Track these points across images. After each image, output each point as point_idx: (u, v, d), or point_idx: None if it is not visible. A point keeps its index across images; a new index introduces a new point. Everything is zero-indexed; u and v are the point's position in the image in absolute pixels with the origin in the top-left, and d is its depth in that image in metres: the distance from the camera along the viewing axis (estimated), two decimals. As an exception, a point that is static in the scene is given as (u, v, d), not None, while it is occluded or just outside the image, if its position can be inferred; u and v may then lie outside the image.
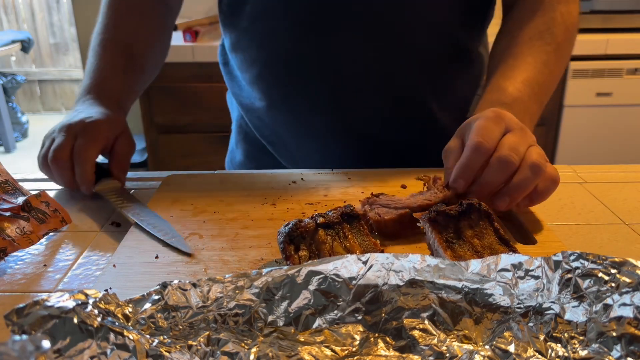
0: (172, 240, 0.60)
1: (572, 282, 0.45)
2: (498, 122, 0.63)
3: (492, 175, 0.60)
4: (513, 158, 0.60)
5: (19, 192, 0.65)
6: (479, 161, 0.60)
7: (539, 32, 0.78)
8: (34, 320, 0.36)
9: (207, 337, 0.42)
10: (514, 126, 0.64)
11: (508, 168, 0.60)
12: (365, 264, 0.47)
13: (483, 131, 0.62)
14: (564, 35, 0.80)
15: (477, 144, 0.61)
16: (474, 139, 0.61)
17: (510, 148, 0.60)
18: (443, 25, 0.83)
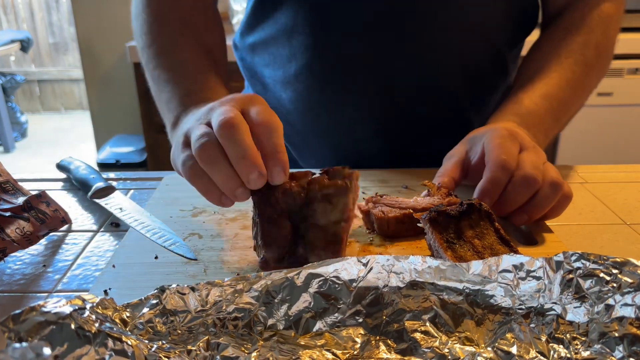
0: (173, 247, 0.60)
1: (574, 283, 0.45)
2: (513, 140, 0.64)
3: (517, 194, 0.61)
4: (537, 176, 0.60)
5: (19, 192, 0.65)
6: (505, 179, 0.61)
7: (569, 51, 0.78)
8: (30, 327, 0.36)
9: (206, 341, 0.41)
10: (527, 144, 0.64)
11: (533, 186, 0.60)
12: (365, 266, 0.47)
13: (504, 149, 0.62)
14: (596, 58, 0.80)
15: (503, 162, 0.61)
16: (500, 156, 0.61)
17: (533, 167, 0.61)
18: (489, 31, 0.82)
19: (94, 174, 0.76)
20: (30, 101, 4.70)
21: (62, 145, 4.03)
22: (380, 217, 0.61)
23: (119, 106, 2.83)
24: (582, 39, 0.79)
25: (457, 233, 0.56)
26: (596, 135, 2.31)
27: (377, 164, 0.84)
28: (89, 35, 2.70)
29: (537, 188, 0.61)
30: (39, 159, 3.78)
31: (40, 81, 4.65)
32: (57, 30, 4.51)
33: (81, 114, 4.59)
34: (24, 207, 0.61)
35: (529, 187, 0.60)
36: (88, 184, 0.74)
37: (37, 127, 4.38)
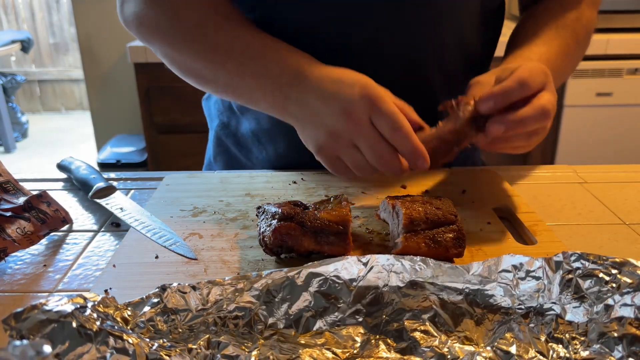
0: (173, 247, 0.60)
1: (573, 283, 0.45)
2: (545, 75, 0.63)
3: (528, 119, 0.60)
4: (552, 113, 0.61)
5: (20, 192, 0.65)
6: (518, 95, 0.60)
7: (565, 25, 0.79)
8: (32, 325, 0.36)
9: (207, 340, 0.41)
10: (551, 87, 0.64)
11: (544, 119, 0.60)
12: (365, 266, 0.47)
13: (532, 72, 0.61)
14: (584, 36, 0.82)
15: (524, 79, 0.60)
16: (523, 74, 0.61)
17: (551, 103, 0.61)
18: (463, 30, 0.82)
19: (94, 174, 0.76)
20: (31, 101, 4.70)
21: (62, 146, 4.03)
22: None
23: (119, 106, 2.84)
24: (574, 16, 0.81)
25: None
26: (596, 135, 2.31)
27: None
28: (90, 36, 2.70)
29: (545, 124, 0.61)
30: (39, 159, 3.78)
31: (40, 81, 4.65)
32: (57, 30, 4.51)
33: (82, 114, 4.59)
34: (25, 207, 0.62)
35: (541, 118, 0.60)
36: (89, 184, 0.74)
37: (38, 127, 4.38)
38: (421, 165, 0.59)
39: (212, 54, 0.72)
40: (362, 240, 0.61)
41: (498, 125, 0.60)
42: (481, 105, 0.61)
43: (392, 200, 0.60)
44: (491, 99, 0.60)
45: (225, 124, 0.95)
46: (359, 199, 0.71)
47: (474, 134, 0.62)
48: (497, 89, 0.60)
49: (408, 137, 0.59)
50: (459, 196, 0.72)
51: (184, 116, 2.28)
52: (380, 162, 0.60)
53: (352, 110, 0.60)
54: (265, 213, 0.58)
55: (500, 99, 0.60)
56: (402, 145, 0.59)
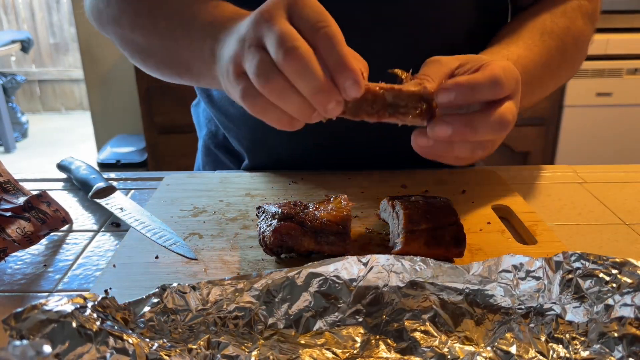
0: (173, 247, 0.60)
1: (573, 283, 0.45)
2: (517, 82, 0.55)
3: (483, 127, 0.52)
4: (510, 126, 0.53)
5: (20, 192, 0.65)
6: (486, 95, 0.52)
7: (553, 32, 0.72)
8: (32, 325, 0.36)
9: (207, 340, 0.41)
10: (518, 99, 0.57)
11: (500, 132, 0.53)
12: (365, 266, 0.47)
13: (506, 73, 0.53)
14: (572, 49, 0.75)
15: (498, 78, 0.52)
16: (497, 71, 0.53)
17: (513, 115, 0.54)
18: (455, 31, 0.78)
19: (94, 174, 0.76)
20: (31, 101, 4.69)
21: (62, 146, 4.03)
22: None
23: (119, 106, 2.84)
24: (564, 24, 0.74)
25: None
26: (595, 135, 2.31)
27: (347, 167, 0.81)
28: (90, 36, 2.70)
29: (501, 137, 0.54)
30: (39, 159, 3.78)
31: (40, 81, 4.65)
32: (57, 30, 4.51)
33: (82, 114, 4.59)
34: (25, 207, 0.62)
35: (498, 129, 0.52)
36: (88, 184, 0.74)
37: (38, 127, 4.38)
38: (349, 86, 0.46)
39: (147, 19, 0.68)
40: (362, 240, 0.61)
41: (445, 126, 0.51)
42: (440, 95, 0.52)
43: (392, 200, 0.60)
44: (453, 90, 0.51)
45: (213, 133, 0.93)
46: (359, 199, 0.71)
47: (414, 115, 0.51)
48: (463, 80, 0.52)
49: (333, 40, 0.46)
50: (458, 196, 0.72)
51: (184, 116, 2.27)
52: (292, 63, 0.45)
53: (265, 8, 0.49)
54: (265, 213, 0.58)
55: (464, 92, 0.52)
56: (325, 48, 0.46)
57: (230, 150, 0.90)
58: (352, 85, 0.46)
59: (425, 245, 0.54)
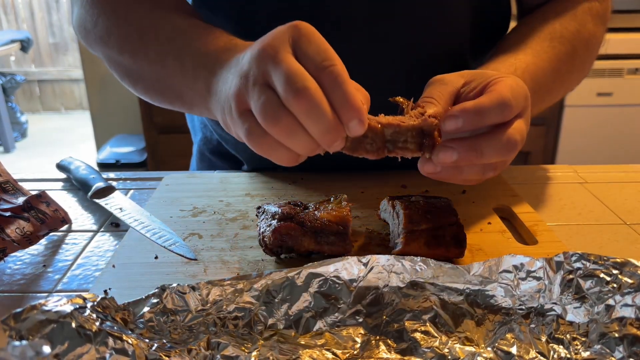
0: (173, 247, 0.60)
1: (574, 283, 0.45)
2: (526, 98, 0.53)
3: (490, 150, 0.50)
4: (519, 147, 0.52)
5: (20, 192, 0.65)
6: (494, 119, 0.50)
7: (562, 37, 0.70)
8: (31, 325, 0.36)
9: (206, 340, 0.41)
10: (528, 116, 0.55)
11: (509, 153, 0.51)
12: (365, 266, 0.47)
13: (514, 92, 0.51)
14: (583, 53, 0.73)
15: (506, 100, 0.50)
16: (504, 92, 0.50)
17: (522, 135, 0.52)
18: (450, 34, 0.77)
19: (94, 174, 0.76)
20: (31, 101, 4.69)
21: (62, 145, 4.03)
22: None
23: (119, 106, 2.84)
24: (574, 28, 0.71)
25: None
26: (596, 135, 2.31)
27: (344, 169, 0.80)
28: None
29: (509, 158, 0.53)
30: (39, 159, 3.78)
31: (40, 81, 4.65)
32: (57, 30, 4.51)
33: (81, 114, 4.59)
34: (24, 207, 0.61)
35: (507, 151, 0.51)
36: (88, 184, 0.74)
37: (37, 127, 4.38)
38: (354, 125, 0.45)
39: (137, 43, 0.66)
40: (362, 241, 0.61)
41: (450, 152, 0.50)
42: (446, 123, 0.50)
43: (392, 200, 0.60)
44: (460, 117, 0.50)
45: (208, 138, 0.92)
46: (359, 199, 0.71)
47: (413, 149, 0.50)
48: (470, 106, 0.50)
49: (339, 79, 0.45)
50: (459, 196, 0.72)
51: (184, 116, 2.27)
52: (302, 104, 0.44)
53: (269, 43, 0.47)
54: (265, 213, 0.58)
55: (472, 119, 0.50)
56: (331, 87, 0.45)
57: (225, 155, 0.90)
58: (357, 125, 0.45)
59: (425, 245, 0.54)
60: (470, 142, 0.50)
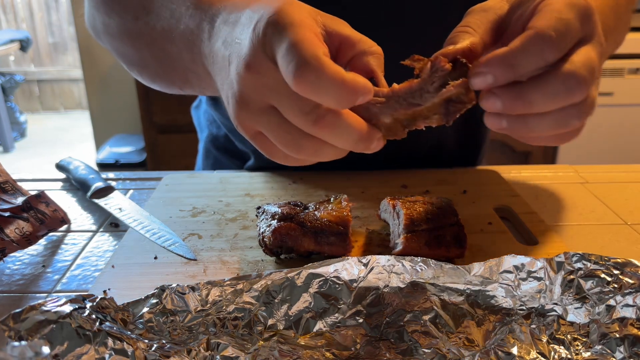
0: (172, 247, 0.60)
1: (575, 283, 0.45)
2: (583, 19, 0.43)
3: (546, 96, 0.41)
4: (586, 83, 0.41)
5: (19, 192, 0.64)
6: (534, 63, 0.41)
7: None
8: (31, 326, 0.36)
9: (206, 341, 0.41)
10: (594, 34, 0.43)
11: (574, 93, 0.41)
12: (366, 266, 0.47)
13: (562, 23, 0.41)
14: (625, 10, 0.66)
15: (549, 38, 0.41)
16: (546, 27, 0.41)
17: (587, 68, 0.41)
18: None
19: (93, 174, 0.76)
20: (30, 101, 4.69)
21: (61, 145, 4.03)
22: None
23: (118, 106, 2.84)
24: None
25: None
26: (597, 135, 2.31)
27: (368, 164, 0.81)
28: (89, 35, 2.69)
29: (578, 100, 0.42)
30: (38, 159, 3.77)
31: (39, 81, 4.65)
32: (56, 30, 4.51)
33: (81, 114, 4.58)
34: (24, 207, 0.61)
35: (570, 92, 0.41)
36: (87, 184, 0.74)
37: (37, 127, 4.38)
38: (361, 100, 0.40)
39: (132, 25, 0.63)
40: (362, 241, 0.61)
41: (492, 98, 0.43)
42: (474, 80, 0.42)
43: (392, 200, 0.60)
44: (488, 72, 0.42)
45: (214, 135, 0.92)
46: (359, 199, 0.71)
47: (440, 119, 0.44)
48: (498, 55, 0.42)
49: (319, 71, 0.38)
50: (459, 196, 0.72)
51: (183, 116, 2.27)
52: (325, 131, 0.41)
53: (250, 60, 0.42)
54: (265, 213, 0.58)
55: (504, 72, 0.42)
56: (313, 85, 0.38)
57: (232, 152, 0.90)
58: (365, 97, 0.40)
59: (426, 245, 0.54)
60: (515, 90, 0.42)
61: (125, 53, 0.69)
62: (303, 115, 0.41)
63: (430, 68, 0.43)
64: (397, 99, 0.44)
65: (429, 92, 0.43)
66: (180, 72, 0.60)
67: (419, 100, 0.43)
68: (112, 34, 0.69)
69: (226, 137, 0.89)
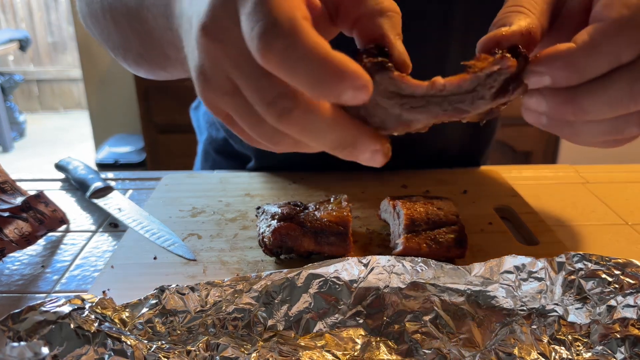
0: (172, 247, 0.59)
1: (576, 284, 0.45)
2: None
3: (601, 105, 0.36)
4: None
5: (18, 193, 0.64)
6: (609, 63, 0.35)
7: None
8: (30, 326, 0.36)
9: (205, 342, 0.41)
10: None
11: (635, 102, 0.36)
12: (366, 267, 0.47)
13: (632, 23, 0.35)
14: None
15: (627, 31, 0.35)
16: (625, 17, 0.35)
17: None
18: None
19: (92, 174, 0.76)
20: (29, 101, 4.69)
21: (60, 145, 4.03)
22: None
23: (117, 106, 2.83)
24: None
25: None
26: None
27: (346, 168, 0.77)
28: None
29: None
30: (37, 159, 3.77)
31: (39, 81, 4.64)
32: (55, 29, 4.50)
33: (80, 114, 4.58)
34: (23, 208, 0.61)
35: (635, 99, 0.36)
36: (86, 184, 0.74)
37: (36, 126, 4.37)
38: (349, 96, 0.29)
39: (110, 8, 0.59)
40: (362, 241, 0.61)
41: (537, 98, 0.38)
42: (530, 77, 0.36)
43: (392, 200, 0.60)
44: (549, 72, 0.36)
45: (213, 137, 0.91)
46: (359, 199, 0.71)
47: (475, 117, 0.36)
48: (567, 52, 0.35)
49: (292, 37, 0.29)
50: (460, 196, 0.71)
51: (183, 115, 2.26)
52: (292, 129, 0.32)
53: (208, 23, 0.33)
54: (264, 213, 0.58)
55: (569, 74, 0.36)
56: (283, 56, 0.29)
57: (231, 154, 0.89)
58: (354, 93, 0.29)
59: (426, 246, 0.54)
60: (566, 94, 0.37)
61: (109, 34, 0.65)
62: (265, 106, 0.32)
63: (494, 69, 0.34)
64: (440, 102, 0.34)
65: (483, 99, 0.34)
66: (158, 46, 0.53)
67: (468, 107, 0.34)
68: (95, 14, 0.65)
69: (225, 139, 0.89)
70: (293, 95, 0.31)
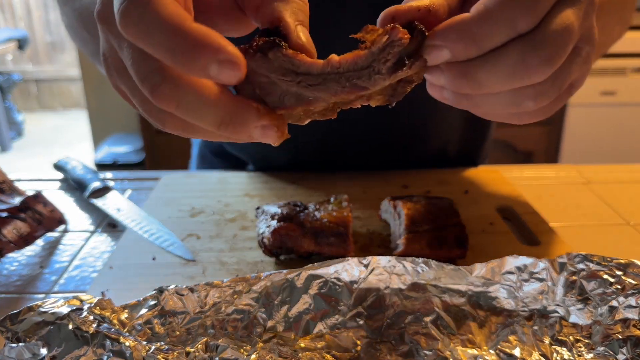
0: (171, 248, 0.59)
1: (577, 285, 0.45)
2: None
3: (496, 77, 0.35)
4: (554, 60, 0.34)
5: (16, 193, 0.64)
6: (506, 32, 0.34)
7: None
8: (28, 327, 0.35)
9: (205, 343, 0.41)
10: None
11: (535, 74, 0.35)
12: (366, 267, 0.46)
13: None
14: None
15: (492, 13, 0.34)
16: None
17: (560, 38, 0.34)
18: None
19: (91, 173, 0.76)
20: (27, 100, 4.68)
21: (59, 145, 4.02)
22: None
23: (116, 105, 2.83)
24: None
25: None
26: (599, 134, 2.31)
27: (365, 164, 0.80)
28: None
29: (538, 80, 0.35)
30: (35, 159, 3.77)
31: (37, 80, 4.64)
32: (54, 28, 4.50)
33: (78, 113, 4.58)
34: (21, 208, 0.61)
35: (529, 72, 0.34)
36: (85, 184, 0.74)
37: (34, 126, 4.37)
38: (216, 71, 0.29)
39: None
40: (363, 242, 0.61)
41: (437, 73, 0.37)
42: (428, 53, 0.35)
43: (393, 200, 0.60)
44: (446, 44, 0.35)
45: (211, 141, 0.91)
46: (359, 199, 0.71)
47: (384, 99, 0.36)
48: (461, 21, 0.34)
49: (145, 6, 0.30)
50: (461, 196, 0.71)
51: (182, 115, 2.28)
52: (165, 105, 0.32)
53: (99, 6, 0.35)
54: (264, 214, 0.58)
55: (466, 46, 0.35)
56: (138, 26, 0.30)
57: (228, 156, 0.89)
58: (220, 69, 0.30)
59: (427, 246, 0.54)
60: (460, 67, 0.36)
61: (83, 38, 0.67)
62: (139, 81, 0.32)
63: (384, 41, 0.33)
64: (338, 79, 0.34)
65: (380, 74, 0.34)
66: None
67: (366, 83, 0.34)
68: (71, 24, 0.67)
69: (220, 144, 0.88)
70: (162, 71, 0.31)
